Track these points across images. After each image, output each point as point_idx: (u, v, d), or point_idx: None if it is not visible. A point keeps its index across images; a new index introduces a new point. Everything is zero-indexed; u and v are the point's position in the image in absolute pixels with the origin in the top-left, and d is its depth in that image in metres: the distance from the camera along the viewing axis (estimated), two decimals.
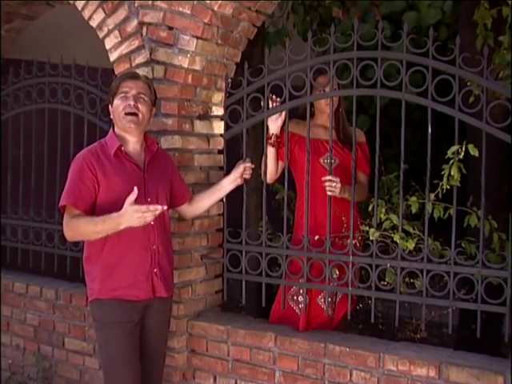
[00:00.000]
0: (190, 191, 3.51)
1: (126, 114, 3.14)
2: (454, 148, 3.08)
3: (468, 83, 3.24)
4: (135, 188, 2.91)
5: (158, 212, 2.92)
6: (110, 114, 3.28)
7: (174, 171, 3.41)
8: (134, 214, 2.89)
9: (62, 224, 4.38)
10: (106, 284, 3.12)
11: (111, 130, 3.27)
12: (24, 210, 4.73)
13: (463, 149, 3.06)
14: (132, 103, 3.15)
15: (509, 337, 3.12)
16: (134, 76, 3.24)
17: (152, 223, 3.10)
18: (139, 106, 3.16)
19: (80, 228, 3.05)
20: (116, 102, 3.19)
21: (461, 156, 3.07)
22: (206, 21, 3.52)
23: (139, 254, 3.13)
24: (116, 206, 2.96)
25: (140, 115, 3.16)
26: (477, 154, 3.03)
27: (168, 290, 3.25)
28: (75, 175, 3.10)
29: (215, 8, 3.50)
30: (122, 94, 3.17)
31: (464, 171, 3.10)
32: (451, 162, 3.09)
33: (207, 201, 3.51)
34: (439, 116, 3.21)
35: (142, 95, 3.18)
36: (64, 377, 4.29)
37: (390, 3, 5.37)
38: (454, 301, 3.11)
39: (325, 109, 3.66)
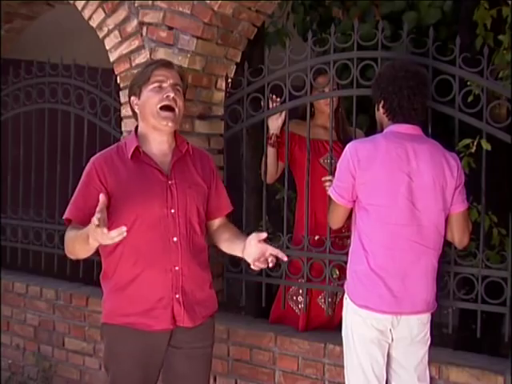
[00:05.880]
0: (230, 204, 2.97)
1: (162, 108, 2.67)
2: (466, 142, 3.08)
3: (468, 83, 3.24)
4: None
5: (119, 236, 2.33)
6: (133, 109, 2.82)
7: (213, 176, 2.87)
8: (95, 229, 2.33)
9: (63, 224, 4.44)
10: (115, 308, 2.72)
11: (133, 130, 2.84)
12: (24, 210, 4.73)
13: (475, 143, 3.07)
14: (171, 95, 2.67)
15: (509, 337, 3.12)
16: (168, 64, 2.79)
17: (175, 239, 2.66)
18: (177, 99, 2.70)
19: (67, 244, 2.66)
20: (147, 93, 2.69)
21: (472, 150, 3.08)
22: (206, 21, 3.52)
23: (156, 276, 2.65)
24: (128, 220, 2.58)
25: (177, 110, 2.70)
26: (489, 148, 3.03)
27: (195, 318, 2.71)
28: (82, 184, 2.71)
29: (215, 8, 3.50)
30: (156, 84, 2.69)
31: (473, 165, 3.09)
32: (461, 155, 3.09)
33: (226, 245, 2.89)
34: (439, 116, 3.21)
35: (178, 86, 2.73)
36: (64, 377, 4.29)
37: (390, 3, 5.37)
38: (454, 301, 3.12)
39: (324, 109, 3.66)
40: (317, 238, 3.55)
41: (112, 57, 3.83)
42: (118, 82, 3.86)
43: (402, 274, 2.78)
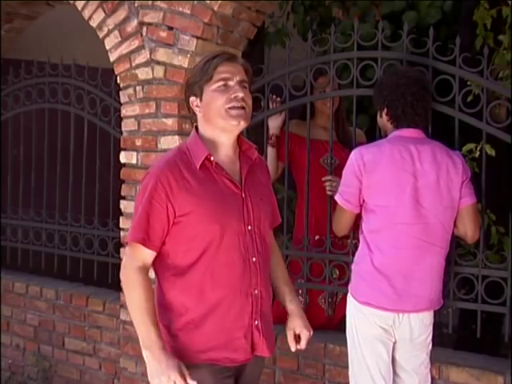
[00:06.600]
0: (279, 215, 2.65)
1: (231, 108, 2.31)
2: (470, 146, 3.09)
3: (468, 83, 3.24)
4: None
5: None
6: (190, 110, 2.44)
7: (270, 182, 2.59)
8: (163, 378, 2.19)
9: (62, 224, 4.45)
10: (191, 345, 2.30)
11: (193, 131, 2.43)
12: (24, 210, 4.73)
13: (477, 148, 3.08)
14: (240, 94, 2.30)
15: (509, 337, 3.13)
16: (232, 57, 2.39)
17: (254, 259, 2.34)
18: (246, 98, 2.34)
19: (129, 297, 2.31)
20: (212, 93, 2.32)
21: (476, 155, 3.08)
22: (206, 21, 3.52)
23: (237, 302, 2.31)
24: (203, 241, 2.27)
25: (247, 109, 2.35)
26: (493, 154, 3.04)
27: (271, 347, 2.43)
28: (145, 200, 2.28)
29: (215, 8, 3.50)
30: (222, 82, 2.31)
31: (477, 170, 3.10)
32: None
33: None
34: (439, 116, 3.21)
35: (244, 83, 2.36)
36: (64, 377, 4.30)
37: (390, 3, 5.36)
38: (454, 301, 3.12)
39: (324, 109, 3.66)
40: (317, 238, 3.55)
41: (112, 57, 3.83)
42: (118, 81, 3.86)
43: (406, 272, 2.80)
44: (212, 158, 2.31)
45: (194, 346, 2.30)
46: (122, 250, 3.87)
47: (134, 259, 2.30)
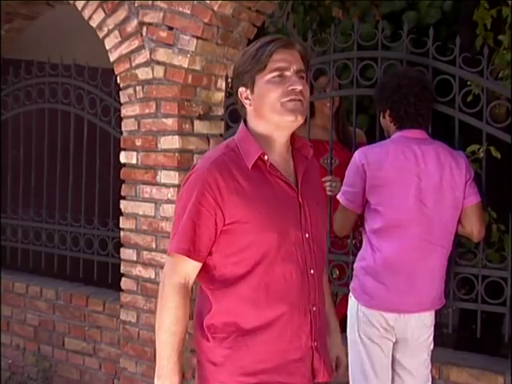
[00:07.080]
0: None
1: (287, 101, 2.03)
2: (473, 148, 3.10)
3: (468, 83, 3.24)
4: None
5: None
6: (239, 103, 2.12)
7: (322, 186, 2.40)
8: None
9: (62, 224, 4.45)
10: (239, 366, 2.02)
11: (242, 125, 2.12)
12: (24, 210, 4.73)
13: (480, 149, 3.08)
14: (299, 87, 2.02)
15: (509, 337, 3.13)
16: (288, 44, 2.07)
17: (312, 271, 2.07)
18: (303, 91, 2.05)
19: (161, 316, 2.06)
20: (265, 85, 2.03)
21: (480, 156, 3.09)
22: (206, 21, 3.52)
23: (295, 320, 2.04)
24: (257, 252, 2.00)
25: (304, 103, 2.07)
26: (499, 156, 3.05)
27: (330, 370, 2.15)
28: (191, 205, 2.01)
29: (215, 8, 3.50)
30: (277, 73, 2.02)
31: (479, 171, 3.10)
32: None
33: None
34: (439, 116, 3.21)
35: (302, 73, 2.06)
36: (64, 377, 4.30)
37: (389, 3, 5.36)
38: (454, 301, 3.12)
39: (324, 109, 3.66)
40: None
41: (112, 57, 3.83)
42: (118, 81, 3.86)
43: (408, 272, 2.80)
44: (266, 158, 2.03)
45: (243, 368, 2.02)
46: (121, 250, 3.87)
47: (176, 274, 2.05)
